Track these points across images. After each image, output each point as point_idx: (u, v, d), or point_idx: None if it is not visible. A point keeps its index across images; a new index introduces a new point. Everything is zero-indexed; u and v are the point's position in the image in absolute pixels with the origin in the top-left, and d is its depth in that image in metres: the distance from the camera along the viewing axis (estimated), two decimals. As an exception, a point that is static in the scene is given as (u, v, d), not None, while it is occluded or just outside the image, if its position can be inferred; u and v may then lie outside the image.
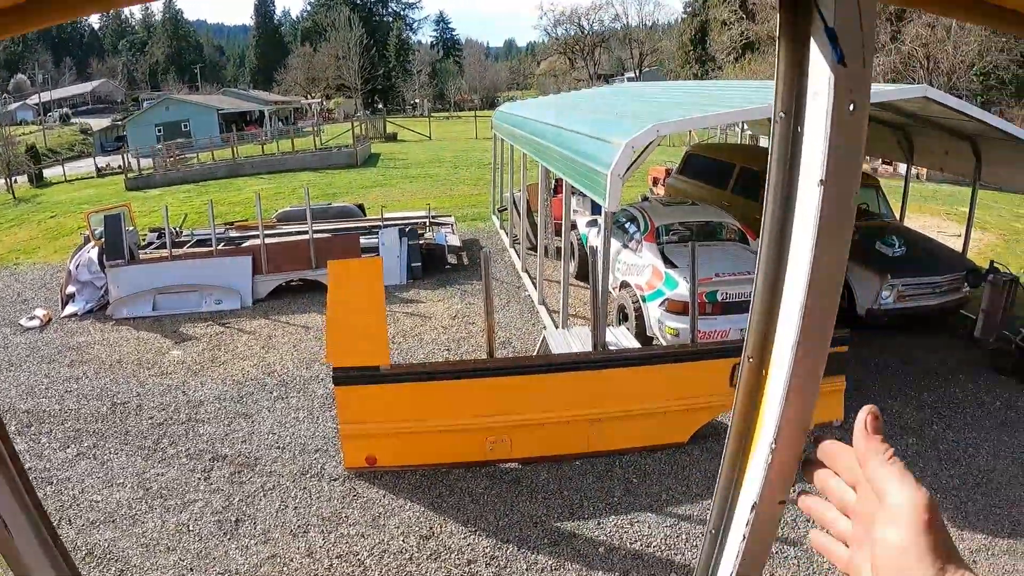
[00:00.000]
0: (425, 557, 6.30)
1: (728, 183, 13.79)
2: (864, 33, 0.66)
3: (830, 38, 0.65)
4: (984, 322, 11.01)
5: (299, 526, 6.73)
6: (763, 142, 23.81)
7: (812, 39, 0.68)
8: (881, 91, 10.09)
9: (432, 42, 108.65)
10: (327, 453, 7.98)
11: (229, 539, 6.57)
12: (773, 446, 0.78)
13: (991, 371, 10.34)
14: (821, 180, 0.67)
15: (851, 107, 0.67)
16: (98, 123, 65.15)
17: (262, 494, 7.26)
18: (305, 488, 7.35)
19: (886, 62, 37.69)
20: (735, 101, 9.74)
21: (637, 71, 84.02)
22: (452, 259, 15.54)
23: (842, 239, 0.69)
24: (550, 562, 6.21)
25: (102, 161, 39.41)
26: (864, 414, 0.84)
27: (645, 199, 15.41)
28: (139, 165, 33.69)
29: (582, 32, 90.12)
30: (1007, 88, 40.75)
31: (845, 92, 0.66)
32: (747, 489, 0.84)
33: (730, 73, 56.27)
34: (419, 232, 15.40)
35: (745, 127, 25.47)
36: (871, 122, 11.41)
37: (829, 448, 0.85)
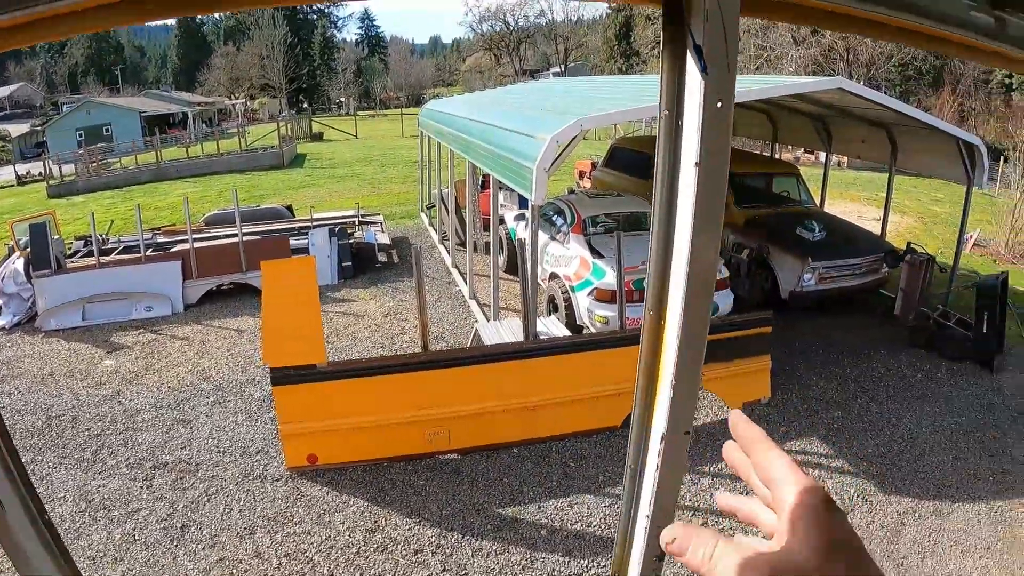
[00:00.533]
0: (372, 550, 6.40)
1: (652, 174, 14.09)
2: (728, 47, 0.82)
3: (697, 53, 0.82)
4: (903, 300, 11.53)
5: (245, 528, 6.77)
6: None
7: (688, 51, 0.85)
8: (798, 83, 10.48)
9: (357, 40, 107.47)
10: (268, 454, 8.00)
11: (176, 546, 6.57)
12: (674, 383, 0.94)
13: (911, 346, 10.89)
14: (696, 162, 0.85)
15: (719, 104, 0.84)
16: (17, 129, 62.56)
17: (206, 499, 7.26)
18: (249, 490, 7.37)
19: (807, 55, 38.59)
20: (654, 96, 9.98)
21: (562, 66, 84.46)
22: (382, 257, 15.59)
23: (717, 209, 0.87)
24: (495, 547, 6.38)
25: (22, 168, 37.92)
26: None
27: (571, 192, 15.66)
28: (61, 172, 32.64)
29: (507, 28, 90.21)
30: (924, 78, 42.27)
31: (713, 93, 0.83)
32: (656, 423, 1.00)
33: (654, 67, 56.98)
34: (349, 231, 15.42)
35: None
36: (792, 113, 11.96)
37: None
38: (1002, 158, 23.29)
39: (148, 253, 13.73)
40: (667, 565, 1.19)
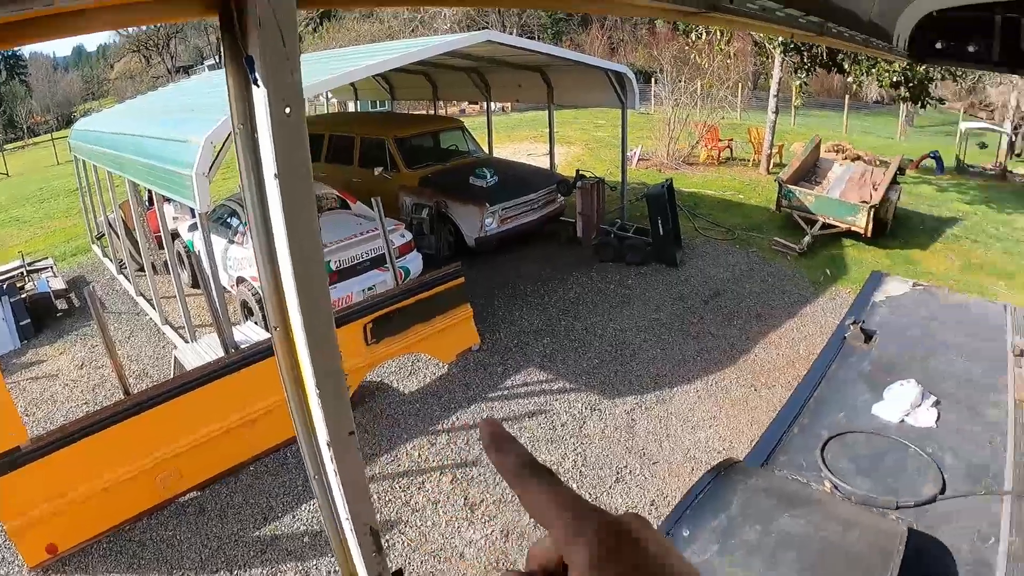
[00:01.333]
0: (139, 620, 5.95)
1: (321, 153, 13.90)
2: (288, 51, 0.81)
3: (249, 65, 0.81)
4: (583, 223, 12.56)
5: (3, 649, 6.02)
6: (350, 107, 24.29)
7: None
8: (448, 41, 10.80)
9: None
10: (5, 561, 7.07)
11: None
12: (319, 391, 0.94)
13: (599, 262, 11.84)
14: (276, 174, 0.83)
15: (288, 111, 0.82)
16: None
17: (-51, 633, 6.36)
18: (-7, 606, 6.54)
19: (460, 11, 39.61)
20: (314, 74, 9.77)
21: (216, 57, 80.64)
22: (62, 304, 14.13)
23: (308, 216, 0.86)
24: (265, 571, 6.12)
25: None
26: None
27: None
28: None
29: (154, 25, 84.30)
30: (574, 19, 45.19)
31: (279, 102, 0.81)
32: (319, 432, 1.00)
33: (309, 44, 56.14)
34: (19, 285, 13.80)
35: (330, 96, 25.73)
36: (450, 70, 12.31)
37: None
38: (653, 80, 25.53)
39: None
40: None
